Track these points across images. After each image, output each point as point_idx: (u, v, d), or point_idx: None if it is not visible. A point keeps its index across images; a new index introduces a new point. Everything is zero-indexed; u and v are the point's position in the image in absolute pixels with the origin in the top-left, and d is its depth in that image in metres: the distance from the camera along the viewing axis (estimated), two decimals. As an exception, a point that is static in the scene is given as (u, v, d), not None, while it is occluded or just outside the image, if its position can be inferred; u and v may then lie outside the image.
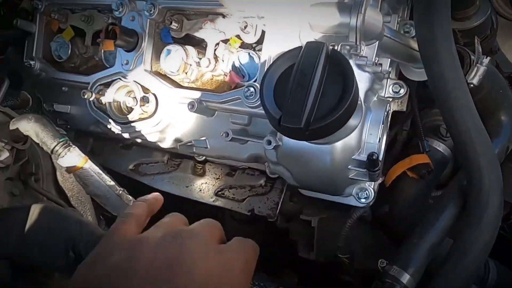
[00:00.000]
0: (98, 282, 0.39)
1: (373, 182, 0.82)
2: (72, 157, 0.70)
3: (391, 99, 0.81)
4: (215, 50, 0.88)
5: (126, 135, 0.93)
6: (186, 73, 0.90)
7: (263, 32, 0.81)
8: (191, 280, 0.39)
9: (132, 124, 0.90)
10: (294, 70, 0.59)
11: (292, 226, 1.10)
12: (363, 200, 0.83)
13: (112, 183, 0.75)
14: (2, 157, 0.65)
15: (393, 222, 0.94)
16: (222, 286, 0.41)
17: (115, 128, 0.93)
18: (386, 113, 0.76)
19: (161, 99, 0.88)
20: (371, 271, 0.99)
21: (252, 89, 0.77)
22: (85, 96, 0.90)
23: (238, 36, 0.85)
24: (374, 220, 0.99)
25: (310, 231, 1.04)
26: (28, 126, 0.69)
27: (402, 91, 0.81)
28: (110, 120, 0.93)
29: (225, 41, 0.89)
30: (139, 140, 0.97)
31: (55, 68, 1.05)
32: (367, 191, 0.82)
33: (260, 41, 0.84)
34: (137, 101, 0.85)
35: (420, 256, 0.72)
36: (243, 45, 0.85)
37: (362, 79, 0.71)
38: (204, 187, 0.98)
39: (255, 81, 0.81)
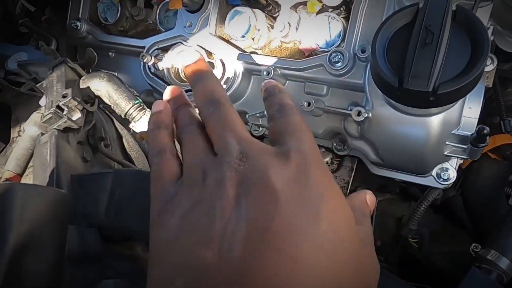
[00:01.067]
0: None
1: (455, 163, 0.77)
2: (147, 122, 0.63)
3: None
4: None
5: (185, 104, 0.87)
6: (252, 39, 0.83)
7: (348, -6, 0.74)
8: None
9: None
10: (417, 27, 0.53)
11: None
12: (443, 181, 0.78)
13: (185, 153, 0.68)
14: (75, 117, 0.58)
15: (466, 205, 0.89)
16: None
17: (173, 96, 0.86)
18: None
19: (228, 65, 0.82)
20: (438, 254, 0.94)
21: (340, 54, 0.71)
22: (145, 60, 0.83)
23: (317, -2, 0.78)
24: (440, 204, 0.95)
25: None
26: (101, 85, 0.62)
27: (491, 65, 0.75)
28: (168, 88, 0.86)
29: (297, 5, 0.82)
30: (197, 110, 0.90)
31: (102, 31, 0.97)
32: (449, 171, 0.77)
33: (339, 6, 0.77)
34: (204, 66, 0.78)
35: (519, 240, 0.67)
36: (322, 9, 0.79)
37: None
38: (264, 163, 0.92)
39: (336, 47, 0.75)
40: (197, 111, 0.38)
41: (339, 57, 0.70)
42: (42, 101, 0.66)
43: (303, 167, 0.32)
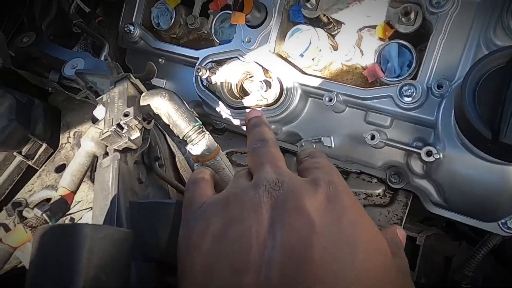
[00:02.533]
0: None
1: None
2: (205, 145, 0.60)
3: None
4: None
5: (236, 122, 0.83)
6: (313, 59, 0.79)
7: (424, 23, 0.69)
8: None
9: (248, 110, 0.80)
10: (518, 75, 0.48)
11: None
12: (508, 229, 0.72)
13: (239, 178, 0.65)
14: (133, 136, 0.55)
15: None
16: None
17: (224, 112, 0.83)
18: None
19: (286, 85, 0.78)
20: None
21: (412, 88, 0.66)
22: (199, 73, 0.80)
23: (389, 23, 0.73)
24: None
25: (409, 248, 0.94)
26: (162, 104, 0.59)
27: None
28: (220, 103, 0.83)
29: (362, 28, 0.77)
30: (244, 127, 0.87)
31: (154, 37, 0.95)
32: (515, 219, 0.71)
33: (410, 33, 0.72)
34: (263, 85, 0.75)
35: None
36: (392, 35, 0.74)
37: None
38: (310, 188, 0.88)
39: (403, 79, 0.70)
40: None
41: (412, 90, 0.66)
42: (98, 113, 0.64)
43: (334, 196, 0.33)
